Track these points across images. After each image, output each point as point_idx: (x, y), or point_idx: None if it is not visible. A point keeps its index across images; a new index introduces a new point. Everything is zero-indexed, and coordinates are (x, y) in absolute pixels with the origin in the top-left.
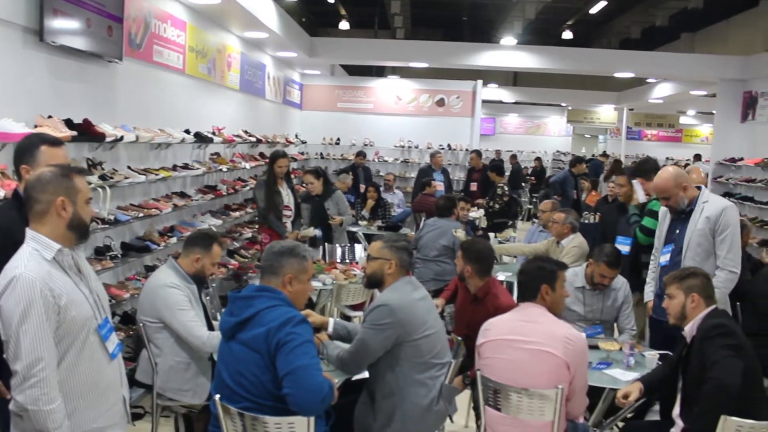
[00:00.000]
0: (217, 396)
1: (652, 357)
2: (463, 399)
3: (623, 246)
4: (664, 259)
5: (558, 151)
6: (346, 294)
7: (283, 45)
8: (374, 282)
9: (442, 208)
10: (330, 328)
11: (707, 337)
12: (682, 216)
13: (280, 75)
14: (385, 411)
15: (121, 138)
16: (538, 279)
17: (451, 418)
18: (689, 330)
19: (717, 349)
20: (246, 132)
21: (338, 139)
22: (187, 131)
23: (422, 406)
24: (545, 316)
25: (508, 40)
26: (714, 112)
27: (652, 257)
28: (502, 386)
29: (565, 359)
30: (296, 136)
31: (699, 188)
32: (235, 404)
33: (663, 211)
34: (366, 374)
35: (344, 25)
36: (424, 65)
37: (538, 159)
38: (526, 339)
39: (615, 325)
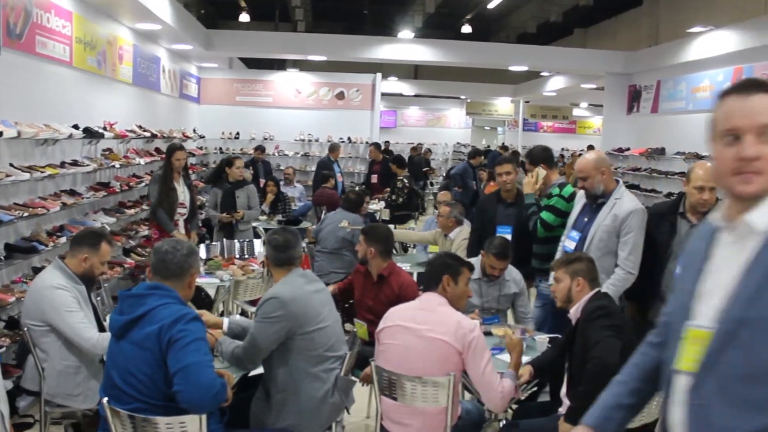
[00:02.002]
0: (105, 399)
1: (542, 340)
2: (363, 391)
3: (507, 235)
4: (570, 245)
5: (458, 143)
6: (244, 289)
7: (177, 37)
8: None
9: (353, 202)
10: (225, 327)
11: (590, 319)
12: (594, 206)
13: (176, 68)
14: (280, 405)
15: (0, 134)
16: (442, 269)
17: (347, 410)
18: (574, 312)
19: (598, 329)
20: (140, 127)
21: (237, 134)
22: (76, 126)
23: (317, 399)
24: (443, 306)
25: (406, 33)
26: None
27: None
28: (396, 375)
29: (456, 346)
30: (194, 130)
31: (617, 181)
32: (125, 406)
33: (579, 195)
34: (262, 369)
35: (244, 17)
36: (323, 58)
37: (428, 150)
38: (420, 326)
39: (509, 312)
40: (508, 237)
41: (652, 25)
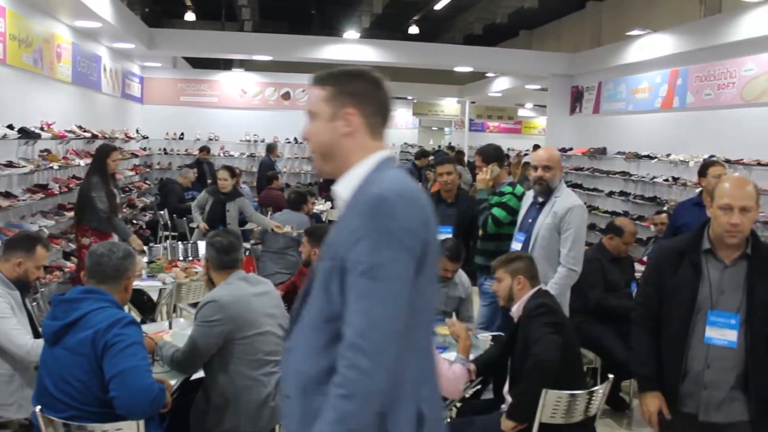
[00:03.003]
0: (38, 407)
1: (485, 338)
2: None
3: (444, 236)
4: (516, 246)
5: (405, 143)
6: (187, 292)
7: (119, 36)
8: (212, 282)
9: (294, 202)
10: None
11: (531, 317)
12: (537, 206)
13: (118, 67)
14: (220, 409)
15: None
16: None
17: None
18: (516, 311)
19: (538, 327)
20: (80, 127)
21: (182, 134)
22: (11, 126)
23: (257, 403)
24: None
25: (351, 33)
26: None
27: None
28: None
29: None
30: (137, 131)
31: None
32: (59, 414)
33: (526, 196)
34: (203, 373)
35: (190, 16)
36: (269, 58)
37: None
38: None
39: (454, 314)
40: (449, 236)
41: (594, 28)
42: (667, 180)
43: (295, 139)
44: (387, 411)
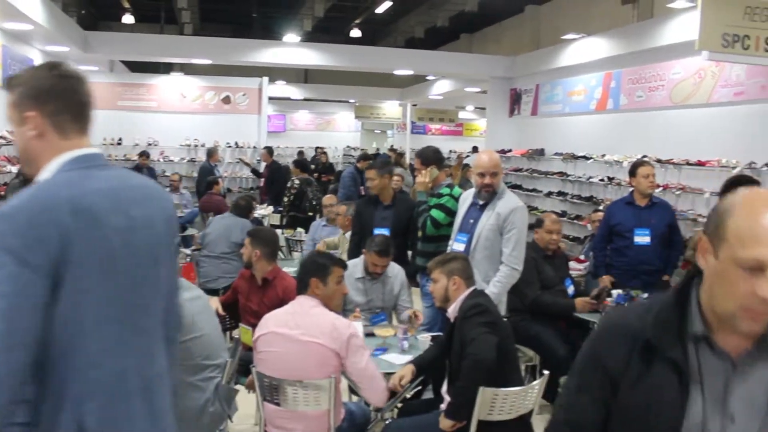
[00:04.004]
0: None
1: (424, 339)
2: (251, 398)
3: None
4: (459, 247)
5: (348, 146)
6: None
7: (52, 38)
8: None
9: (242, 208)
10: None
11: (466, 317)
12: (478, 207)
13: None
14: None
15: None
16: (309, 272)
17: (230, 419)
18: (452, 311)
19: (474, 326)
20: (12, 132)
21: (120, 139)
22: None
23: (196, 409)
24: (316, 308)
25: (291, 37)
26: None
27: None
28: (277, 381)
29: (332, 348)
30: None
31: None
32: None
33: (462, 198)
34: None
35: (128, 18)
36: (208, 62)
37: (324, 153)
38: (293, 331)
39: (393, 312)
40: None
41: (533, 32)
42: (602, 180)
43: (236, 143)
44: (35, 421)
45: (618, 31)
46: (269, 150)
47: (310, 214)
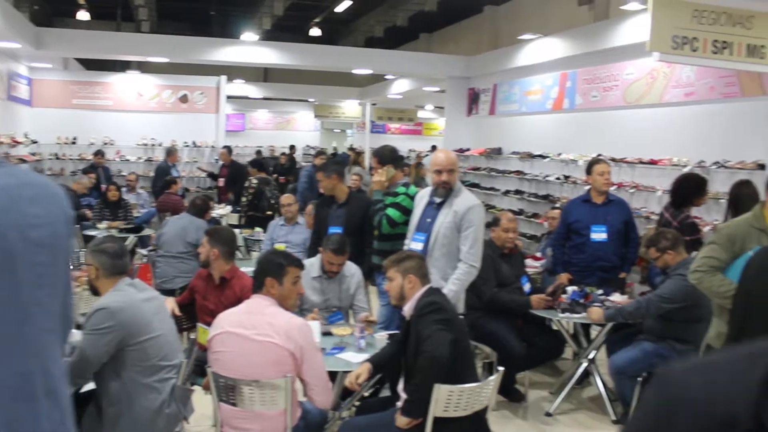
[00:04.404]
0: None
1: (381, 337)
2: (209, 398)
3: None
4: (416, 246)
5: (308, 146)
6: (78, 301)
7: (1, 35)
8: (92, 289)
9: (199, 209)
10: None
11: (421, 315)
12: (435, 206)
13: (3, 68)
14: (113, 419)
15: None
16: (264, 271)
17: (186, 420)
18: (408, 309)
19: (429, 324)
20: None
21: (75, 138)
22: None
23: (152, 410)
24: (271, 308)
25: (249, 36)
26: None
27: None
28: (233, 381)
29: (287, 348)
30: (25, 135)
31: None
32: None
33: (419, 197)
34: (93, 385)
35: (83, 15)
36: (165, 60)
37: (283, 154)
38: (251, 331)
39: (350, 312)
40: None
41: (492, 32)
42: (558, 178)
43: (194, 142)
44: None
45: (573, 32)
46: (228, 149)
47: (269, 213)
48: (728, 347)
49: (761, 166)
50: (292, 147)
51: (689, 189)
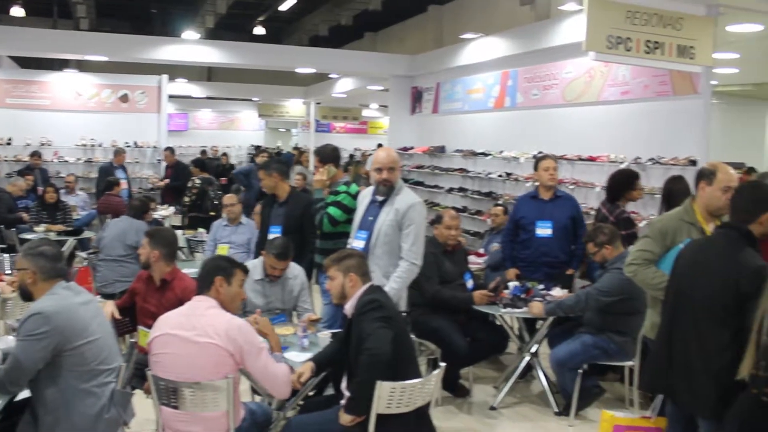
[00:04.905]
0: None
1: (324, 336)
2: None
3: (276, 235)
4: (359, 244)
5: (252, 145)
6: (13, 307)
7: None
8: (25, 294)
9: (137, 210)
10: None
11: (362, 312)
12: (377, 204)
13: None
14: (50, 427)
15: None
16: (214, 271)
17: (127, 425)
18: (349, 307)
19: (370, 321)
20: None
21: (10, 139)
22: None
23: (91, 416)
24: (213, 309)
25: (190, 34)
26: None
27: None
28: (173, 383)
29: (228, 349)
30: None
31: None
32: None
33: (361, 196)
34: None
35: (17, 11)
36: (104, 59)
37: (224, 154)
38: (191, 332)
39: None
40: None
41: (436, 31)
42: (501, 176)
43: (135, 143)
44: None
45: (514, 32)
46: (171, 150)
47: (212, 213)
48: (660, 336)
49: (693, 162)
50: (203, 152)
51: (621, 183)
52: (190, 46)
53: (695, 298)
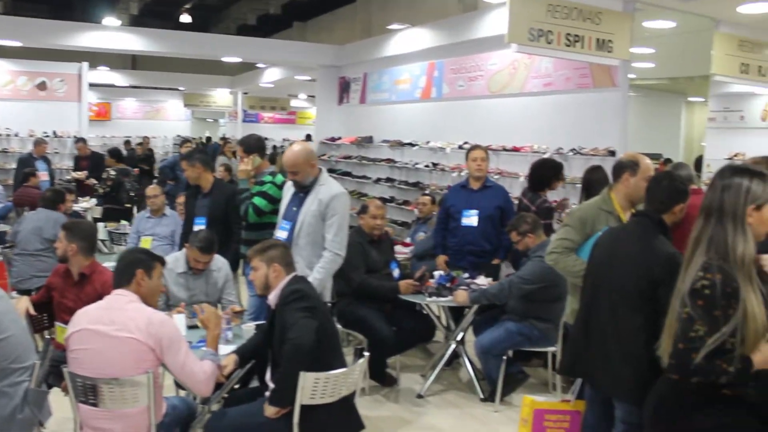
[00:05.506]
0: None
1: (249, 328)
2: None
3: (200, 226)
4: (282, 234)
5: (178, 136)
6: None
7: None
8: None
9: (49, 201)
10: None
11: (286, 303)
12: (301, 195)
13: None
14: None
15: None
16: (136, 263)
17: (42, 424)
18: (273, 298)
19: (293, 312)
20: None
21: None
22: None
23: (3, 418)
24: (133, 303)
25: (111, 20)
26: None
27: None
28: (91, 380)
29: (148, 343)
30: None
31: (320, 169)
32: None
33: (287, 186)
34: None
35: None
36: (18, 44)
37: (139, 144)
38: (110, 327)
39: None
40: (203, 227)
41: (365, 21)
42: (427, 166)
43: (54, 132)
44: None
45: (441, 23)
46: (84, 141)
47: (128, 205)
48: (578, 322)
49: (612, 153)
50: (127, 142)
51: (547, 173)
52: (111, 33)
53: (611, 284)
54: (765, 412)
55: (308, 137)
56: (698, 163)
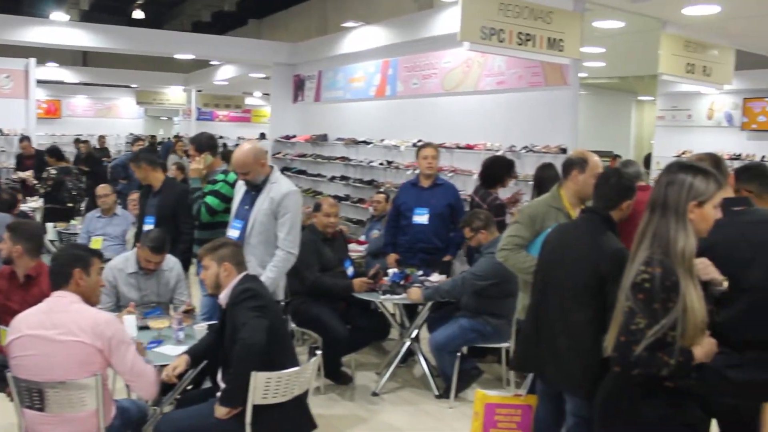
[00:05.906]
0: None
1: (200, 328)
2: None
3: (149, 226)
4: (234, 233)
5: (131, 134)
6: None
7: None
8: None
9: (6, 202)
10: None
11: (237, 302)
12: (252, 193)
13: None
14: None
15: None
16: (72, 263)
17: None
18: (224, 297)
19: (244, 311)
20: None
21: None
22: None
23: None
24: (76, 305)
25: (59, 15)
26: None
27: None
28: (37, 384)
29: (95, 345)
30: None
31: (271, 167)
32: None
33: (239, 185)
34: None
35: None
36: None
37: (82, 142)
38: (53, 331)
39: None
40: (152, 227)
41: (320, 18)
42: (382, 164)
43: (0, 130)
44: None
45: (396, 21)
46: (29, 139)
47: (70, 205)
48: (529, 317)
49: (563, 150)
50: (77, 140)
51: (500, 170)
52: (60, 29)
53: (560, 280)
54: (707, 403)
55: (262, 135)
56: (647, 160)
